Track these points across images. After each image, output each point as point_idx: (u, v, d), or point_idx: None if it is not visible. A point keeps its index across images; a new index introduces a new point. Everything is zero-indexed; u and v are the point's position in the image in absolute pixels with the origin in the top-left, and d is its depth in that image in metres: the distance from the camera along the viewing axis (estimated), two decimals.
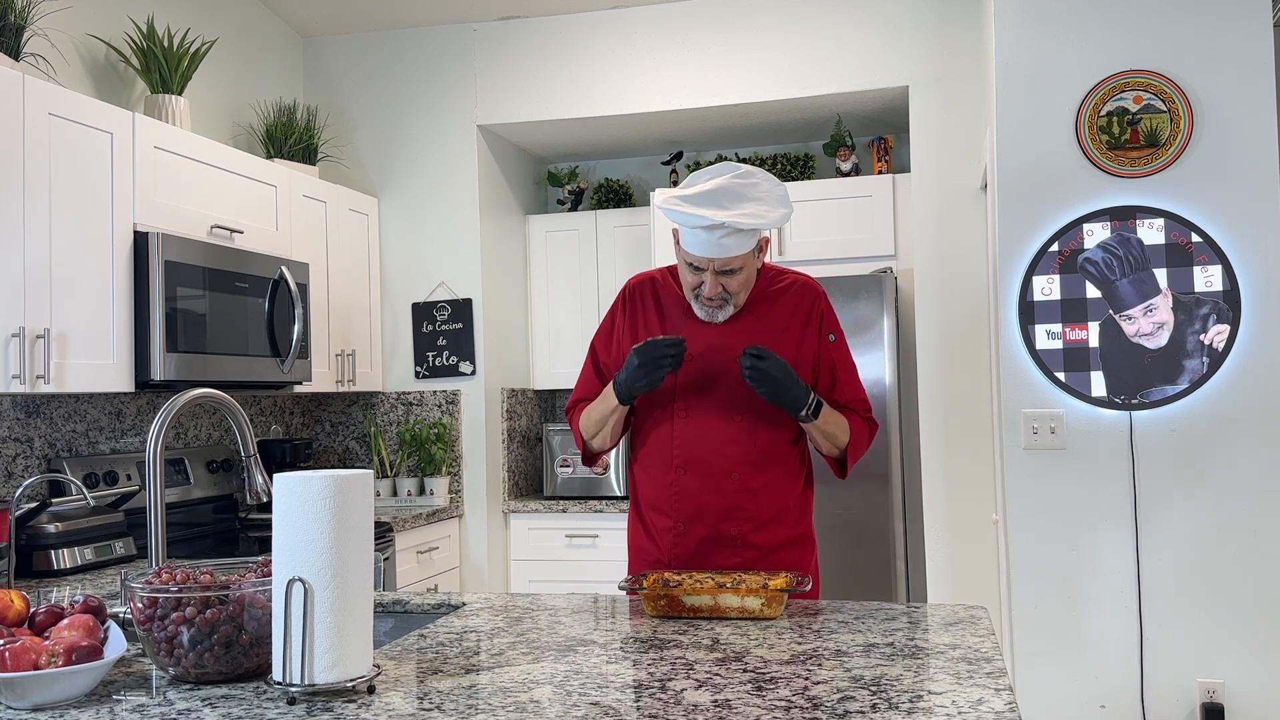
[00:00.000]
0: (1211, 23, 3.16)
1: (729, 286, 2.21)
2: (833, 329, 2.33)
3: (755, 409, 2.25)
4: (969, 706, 1.37)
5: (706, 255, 2.15)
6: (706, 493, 2.25)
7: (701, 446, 2.26)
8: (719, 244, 2.13)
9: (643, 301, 2.37)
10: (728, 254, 2.15)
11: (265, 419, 4.45)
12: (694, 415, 2.27)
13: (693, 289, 2.24)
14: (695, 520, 2.26)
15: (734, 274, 2.20)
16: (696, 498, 2.26)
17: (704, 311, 2.26)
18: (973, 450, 4.04)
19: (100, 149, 3.09)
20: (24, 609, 1.66)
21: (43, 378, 2.83)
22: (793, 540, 2.31)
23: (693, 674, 1.54)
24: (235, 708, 1.41)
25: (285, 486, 1.44)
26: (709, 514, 2.25)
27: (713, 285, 2.19)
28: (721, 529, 2.25)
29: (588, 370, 2.45)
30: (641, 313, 2.36)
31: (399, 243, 4.69)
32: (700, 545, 2.27)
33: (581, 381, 2.45)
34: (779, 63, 4.31)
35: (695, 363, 2.27)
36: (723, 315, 2.26)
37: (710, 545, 2.27)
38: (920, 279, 4.12)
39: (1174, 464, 3.15)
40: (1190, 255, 3.15)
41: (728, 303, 2.24)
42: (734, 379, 2.25)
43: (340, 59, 4.76)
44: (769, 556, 2.26)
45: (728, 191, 2.11)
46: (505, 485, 4.72)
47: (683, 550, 2.28)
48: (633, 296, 2.39)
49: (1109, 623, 3.17)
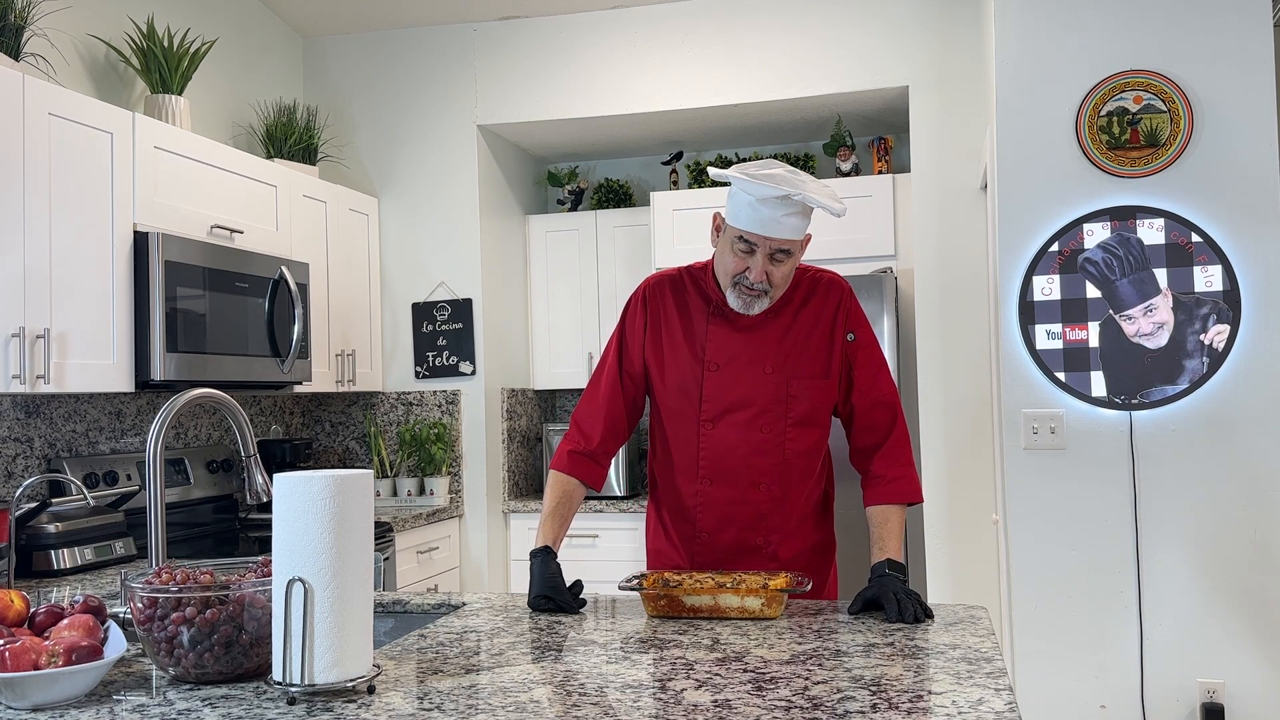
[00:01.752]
0: (1211, 23, 3.16)
1: (774, 276, 2.11)
2: (855, 327, 2.23)
3: (782, 419, 2.19)
4: (969, 706, 1.37)
5: (767, 233, 2.05)
6: (734, 503, 2.21)
7: (729, 458, 2.20)
8: (780, 222, 2.04)
9: (663, 301, 2.27)
10: (786, 233, 2.06)
11: (265, 419, 4.45)
12: (720, 426, 2.20)
13: (735, 275, 2.12)
14: (721, 530, 2.24)
15: (784, 260, 2.10)
16: (724, 508, 2.22)
17: (741, 301, 2.14)
18: (973, 450, 4.04)
19: (100, 149, 3.09)
20: (24, 609, 1.66)
21: (43, 378, 2.83)
22: (814, 546, 2.30)
23: (693, 674, 1.54)
24: (235, 708, 1.41)
25: (285, 486, 1.44)
26: (736, 523, 2.23)
27: (760, 270, 2.08)
28: (747, 538, 2.23)
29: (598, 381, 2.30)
30: (663, 313, 2.26)
31: (399, 243, 4.69)
32: (724, 554, 2.25)
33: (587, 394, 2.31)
34: (779, 63, 4.31)
35: (720, 373, 2.20)
36: (759, 307, 2.14)
37: (734, 554, 2.25)
38: (920, 279, 4.12)
39: (1174, 464, 3.15)
40: (1190, 255, 3.15)
41: (767, 293, 2.13)
42: (759, 388, 2.18)
43: (340, 59, 4.76)
44: (791, 565, 2.25)
45: (788, 178, 2.05)
46: (505, 485, 4.72)
47: (706, 559, 2.26)
48: (653, 296, 2.28)
49: (1109, 623, 3.17)
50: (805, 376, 2.20)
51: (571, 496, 2.22)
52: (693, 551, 2.28)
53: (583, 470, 2.25)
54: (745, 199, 2.06)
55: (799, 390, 2.19)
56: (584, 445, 2.26)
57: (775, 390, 2.19)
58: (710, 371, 2.20)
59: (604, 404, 2.27)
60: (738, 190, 2.07)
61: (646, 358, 2.27)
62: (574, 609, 2.03)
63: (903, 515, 2.18)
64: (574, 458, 2.25)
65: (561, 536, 2.17)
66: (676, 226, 4.63)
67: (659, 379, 2.26)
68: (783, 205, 2.04)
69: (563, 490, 2.22)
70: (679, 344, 2.24)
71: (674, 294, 2.27)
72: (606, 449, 2.27)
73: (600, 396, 2.28)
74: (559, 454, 2.27)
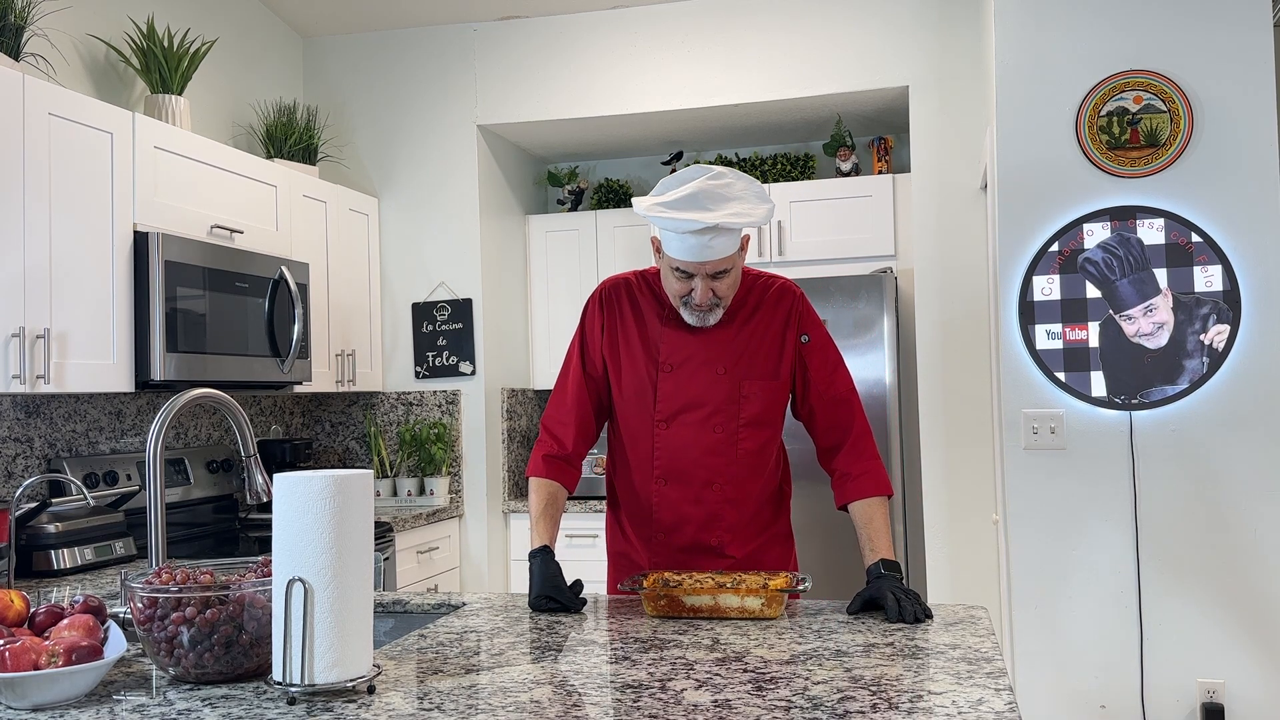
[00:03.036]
0: (1211, 23, 3.16)
1: (719, 290, 2.15)
2: (809, 329, 2.27)
3: (734, 419, 2.22)
4: (969, 706, 1.37)
5: (697, 260, 2.09)
6: (687, 503, 2.24)
7: (682, 457, 2.23)
8: (708, 247, 2.07)
9: (619, 305, 2.30)
10: (717, 255, 2.09)
11: (265, 419, 4.45)
12: (674, 426, 2.23)
13: (681, 296, 2.17)
14: (675, 530, 2.26)
15: (723, 276, 2.14)
16: (677, 508, 2.25)
17: (694, 317, 2.19)
18: (973, 450, 4.04)
19: (100, 149, 3.09)
20: (24, 609, 1.66)
21: (43, 378, 2.83)
22: (769, 542, 2.31)
23: (693, 674, 1.54)
24: (235, 708, 1.41)
25: (285, 486, 1.44)
26: (690, 524, 2.25)
27: (704, 291, 2.13)
28: (701, 538, 2.25)
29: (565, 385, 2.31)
30: (619, 316, 2.29)
31: (399, 243, 4.69)
32: (678, 554, 2.27)
33: (554, 399, 2.32)
34: (779, 63, 4.31)
35: (675, 374, 2.23)
36: (713, 318, 2.20)
37: (689, 554, 2.27)
38: (920, 279, 4.12)
39: (1174, 464, 3.15)
40: (1190, 255, 3.15)
41: (718, 305, 2.18)
42: (714, 389, 2.22)
43: (340, 59, 4.76)
44: (746, 564, 2.27)
45: (708, 194, 2.06)
46: (505, 485, 4.72)
47: (661, 559, 2.28)
48: (608, 300, 2.30)
49: (1109, 623, 3.17)
50: (757, 377, 2.23)
51: (556, 498, 2.24)
52: (650, 553, 2.29)
53: (559, 474, 2.27)
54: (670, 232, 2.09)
55: (750, 390, 2.23)
56: (558, 450, 2.28)
57: (728, 391, 2.23)
58: (665, 372, 2.23)
59: (573, 407, 2.29)
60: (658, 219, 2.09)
61: (605, 359, 2.30)
62: (576, 607, 2.04)
63: (885, 510, 2.18)
64: (550, 462, 2.27)
65: (556, 536, 2.20)
66: None
67: (615, 380, 2.29)
68: (708, 231, 2.05)
69: (547, 493, 2.24)
70: (634, 346, 2.27)
71: (629, 297, 2.31)
72: (579, 452, 2.30)
73: (568, 400, 2.30)
74: (534, 460, 2.29)
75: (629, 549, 2.33)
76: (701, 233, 2.05)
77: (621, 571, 2.34)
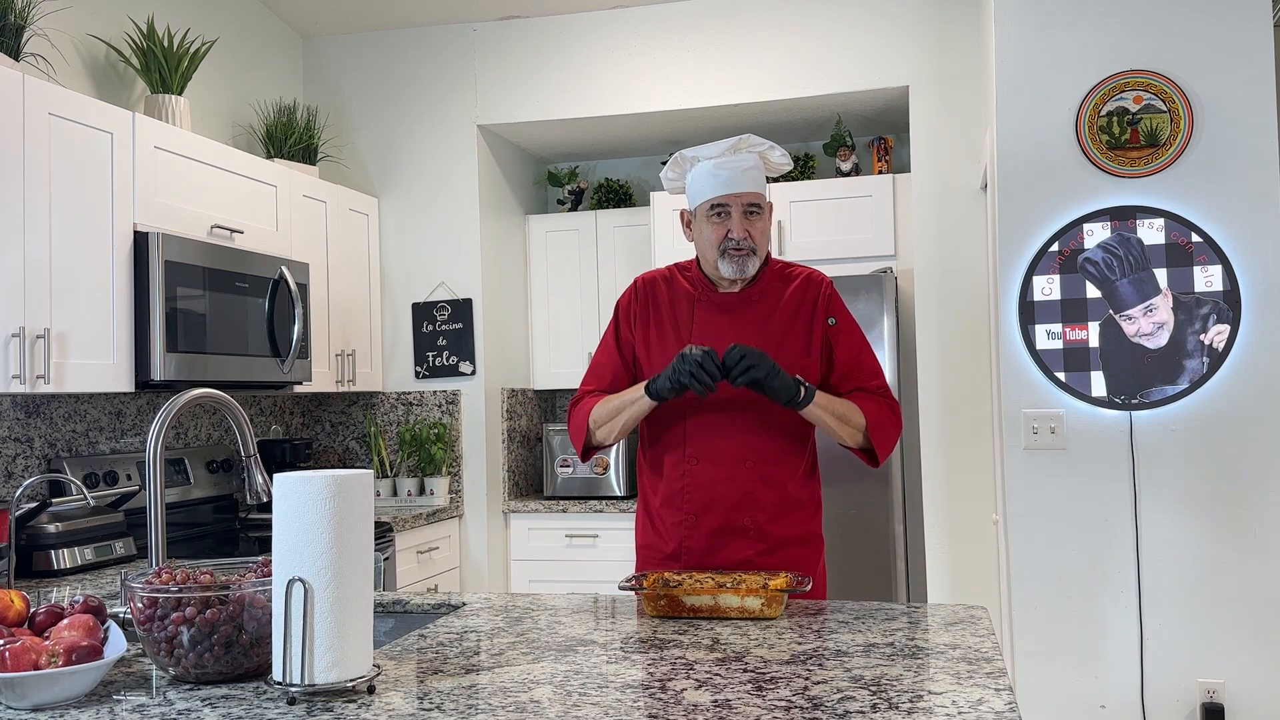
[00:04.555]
0: (1211, 23, 3.16)
1: (753, 232, 2.26)
2: (835, 313, 2.34)
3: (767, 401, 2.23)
4: (969, 706, 1.37)
5: (732, 190, 2.24)
6: (720, 481, 2.25)
7: (715, 436, 2.27)
8: (743, 175, 2.25)
9: (654, 297, 2.39)
10: (750, 186, 2.25)
11: (265, 419, 4.45)
12: (707, 407, 2.27)
13: (719, 243, 2.26)
14: (707, 511, 2.26)
15: (755, 217, 2.27)
16: (710, 487, 2.26)
17: (733, 265, 2.27)
18: (973, 450, 4.04)
19: (100, 149, 3.09)
20: (24, 609, 1.66)
21: (43, 378, 2.83)
22: (803, 537, 2.31)
23: (693, 674, 1.54)
24: (235, 708, 1.41)
25: (285, 486, 1.44)
26: (722, 503, 2.25)
27: (740, 226, 2.25)
28: (734, 519, 2.25)
29: (602, 362, 2.41)
30: (654, 304, 2.38)
31: (399, 243, 4.69)
32: (711, 537, 2.26)
33: (592, 374, 2.42)
34: (779, 63, 4.31)
35: None
36: (752, 266, 2.28)
37: (722, 537, 2.26)
38: (920, 279, 4.12)
39: (1174, 464, 3.15)
40: (1190, 255, 3.15)
41: (754, 253, 2.27)
42: None
43: (340, 59, 4.76)
44: (780, 550, 2.26)
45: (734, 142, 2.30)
46: (505, 485, 4.72)
47: (694, 544, 2.27)
48: (644, 291, 2.40)
49: (1109, 623, 3.17)
50: (788, 354, 2.28)
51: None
52: (680, 538, 2.29)
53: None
54: (704, 170, 2.28)
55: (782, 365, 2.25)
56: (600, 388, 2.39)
57: None
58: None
59: (610, 369, 2.40)
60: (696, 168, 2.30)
61: (636, 347, 2.37)
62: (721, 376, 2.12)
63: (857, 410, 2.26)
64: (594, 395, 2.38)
65: None
66: (676, 226, 4.58)
67: (647, 367, 2.35)
68: (738, 159, 2.27)
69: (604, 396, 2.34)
70: (667, 332, 2.35)
71: (664, 287, 2.40)
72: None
73: (607, 366, 2.41)
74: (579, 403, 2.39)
75: (658, 540, 2.33)
76: (734, 157, 2.27)
77: (648, 564, 2.35)
